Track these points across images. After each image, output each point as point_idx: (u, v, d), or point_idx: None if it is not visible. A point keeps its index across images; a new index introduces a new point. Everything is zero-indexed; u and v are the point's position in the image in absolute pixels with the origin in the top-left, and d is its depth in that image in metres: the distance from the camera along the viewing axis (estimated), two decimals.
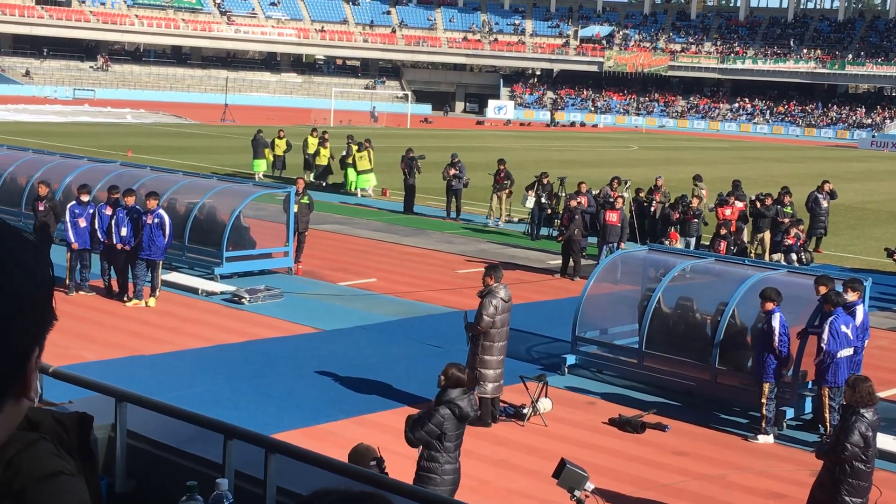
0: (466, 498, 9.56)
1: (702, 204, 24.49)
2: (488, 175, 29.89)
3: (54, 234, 18.90)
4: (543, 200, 26.73)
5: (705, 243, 23.52)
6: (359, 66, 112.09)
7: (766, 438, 12.48)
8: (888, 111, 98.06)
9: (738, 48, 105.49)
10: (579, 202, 22.78)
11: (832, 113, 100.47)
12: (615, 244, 21.98)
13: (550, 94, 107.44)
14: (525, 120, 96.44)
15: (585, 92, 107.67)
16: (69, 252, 17.96)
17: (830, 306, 12.51)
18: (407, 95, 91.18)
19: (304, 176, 32.29)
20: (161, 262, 17.78)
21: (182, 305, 17.72)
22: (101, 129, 57.03)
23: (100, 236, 17.78)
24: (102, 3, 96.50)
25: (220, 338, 15.66)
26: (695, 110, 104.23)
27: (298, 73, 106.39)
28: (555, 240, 23.98)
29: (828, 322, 12.33)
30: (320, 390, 13.42)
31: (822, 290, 12.90)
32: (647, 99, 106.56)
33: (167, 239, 17.56)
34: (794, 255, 21.87)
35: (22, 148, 28.75)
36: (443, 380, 9.21)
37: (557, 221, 25.09)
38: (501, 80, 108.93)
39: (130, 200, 17.81)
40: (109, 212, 17.78)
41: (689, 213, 23.44)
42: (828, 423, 12.23)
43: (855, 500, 8.96)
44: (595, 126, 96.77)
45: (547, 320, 17.57)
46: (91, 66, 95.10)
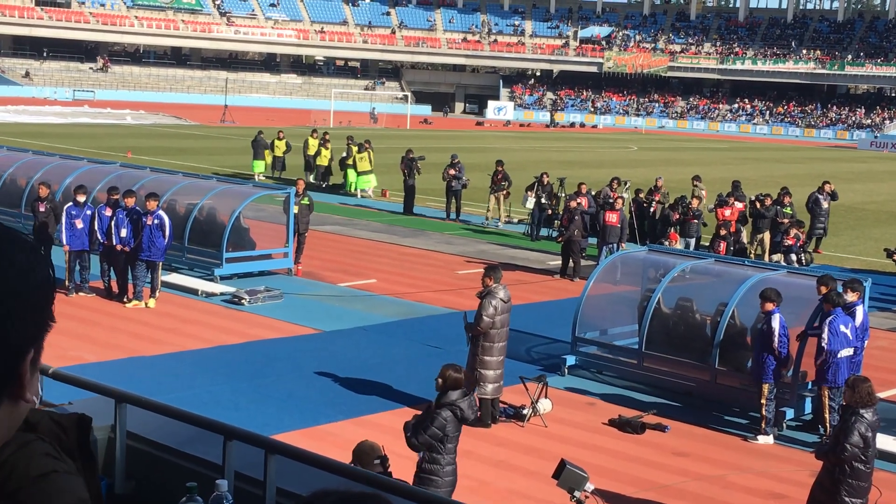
0: (466, 499, 9.56)
1: (701, 204, 24.48)
2: (487, 176, 29.90)
3: (54, 236, 18.89)
4: (543, 201, 26.72)
5: (705, 244, 23.52)
6: (358, 67, 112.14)
7: (765, 439, 12.48)
8: (888, 112, 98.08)
9: (737, 49, 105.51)
10: (579, 203, 22.78)
11: (832, 113, 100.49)
12: (615, 245, 21.98)
13: (550, 94, 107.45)
14: (525, 121, 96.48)
15: (585, 93, 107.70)
16: (66, 253, 17.96)
17: (830, 306, 12.52)
18: (406, 96, 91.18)
19: (305, 177, 32.42)
20: (161, 263, 17.78)
21: (182, 306, 17.72)
22: (100, 130, 57.03)
23: (99, 237, 17.78)
24: (102, 5, 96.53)
25: (220, 339, 15.66)
26: (694, 111, 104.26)
27: (298, 74, 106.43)
28: (554, 240, 23.98)
29: (827, 321, 12.33)
30: (320, 391, 13.42)
31: (824, 290, 12.90)
32: (647, 100, 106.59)
33: (167, 240, 17.56)
34: (793, 256, 21.86)
35: (22, 149, 28.74)
36: (440, 382, 9.20)
37: (557, 222, 25.09)
38: (501, 81, 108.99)
39: (130, 201, 17.81)
40: (109, 213, 17.78)
41: (689, 214, 23.44)
42: (827, 424, 12.23)
43: (854, 500, 8.97)
44: (595, 127, 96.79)
45: (547, 321, 17.57)
46: (91, 68, 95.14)
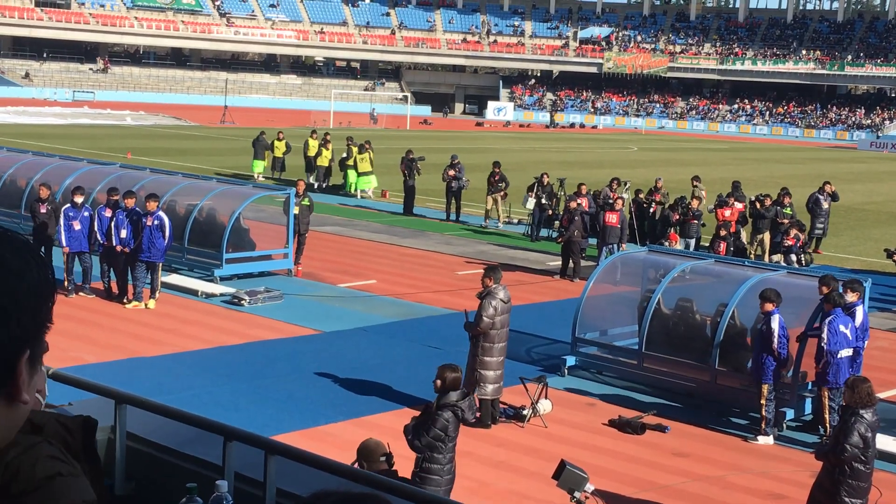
0: (466, 499, 9.57)
1: (701, 205, 24.49)
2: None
3: (54, 237, 18.89)
4: (544, 201, 26.71)
5: (705, 244, 23.52)
6: (358, 67, 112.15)
7: (765, 439, 12.48)
8: (888, 112, 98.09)
9: (737, 49, 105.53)
10: (579, 203, 22.78)
11: (831, 114, 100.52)
12: (615, 245, 21.98)
13: (550, 95, 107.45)
14: (524, 121, 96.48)
15: (585, 93, 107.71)
16: (65, 254, 17.97)
17: (830, 306, 12.52)
18: (406, 97, 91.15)
19: (305, 178, 32.40)
20: (161, 264, 17.78)
21: (182, 307, 17.72)
22: (100, 131, 57.03)
23: (99, 238, 17.78)
24: (102, 5, 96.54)
25: (220, 339, 15.66)
26: (694, 111, 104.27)
27: (298, 74, 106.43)
28: (554, 241, 23.98)
29: (826, 321, 12.33)
30: (320, 392, 13.42)
31: (825, 290, 12.89)
32: (647, 100, 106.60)
33: (167, 241, 17.55)
34: (793, 256, 21.87)
35: (22, 150, 28.75)
36: (439, 384, 9.21)
37: (557, 223, 25.09)
38: (501, 82, 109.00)
39: (130, 202, 17.80)
40: (109, 214, 17.78)
41: (689, 215, 23.44)
42: (827, 424, 12.23)
43: (854, 500, 8.96)
44: (594, 127, 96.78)
45: (547, 321, 17.57)
46: (91, 68, 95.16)
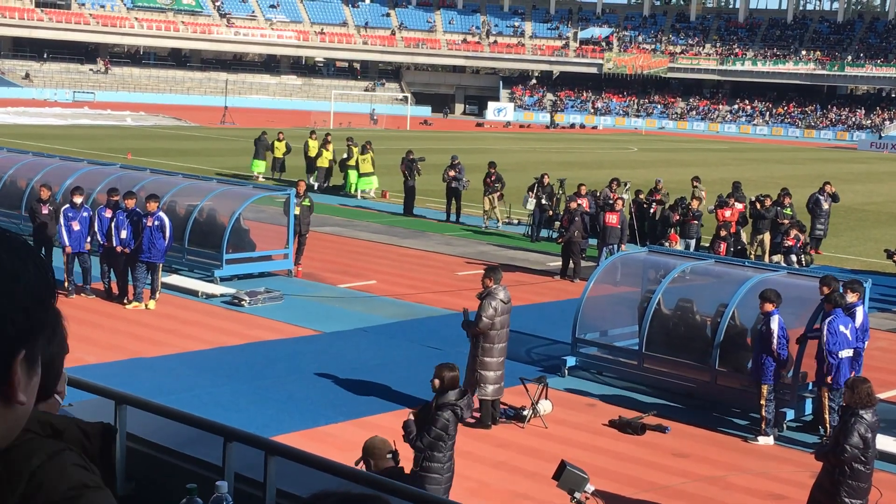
0: (467, 500, 9.57)
1: (701, 205, 24.48)
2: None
3: (54, 238, 18.89)
4: (544, 202, 26.70)
5: (705, 245, 23.52)
6: (358, 68, 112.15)
7: (766, 440, 12.48)
8: (888, 112, 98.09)
9: (737, 50, 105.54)
10: (579, 204, 22.78)
11: (832, 114, 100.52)
12: (615, 246, 21.98)
13: (550, 95, 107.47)
14: (525, 122, 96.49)
15: (585, 94, 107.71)
16: (65, 255, 17.98)
17: (831, 306, 12.51)
18: (406, 97, 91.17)
19: (306, 179, 32.38)
20: (161, 265, 17.78)
21: (182, 308, 17.72)
22: (100, 131, 57.04)
23: (99, 239, 17.78)
24: (102, 6, 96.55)
25: (220, 340, 15.66)
26: (694, 112, 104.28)
27: (298, 75, 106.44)
28: (555, 241, 23.98)
29: (826, 322, 12.33)
30: (320, 392, 13.42)
31: (826, 290, 12.89)
32: (647, 101, 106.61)
33: (167, 241, 17.55)
34: (793, 257, 21.86)
35: (22, 151, 28.75)
36: (437, 383, 9.21)
37: (557, 223, 25.08)
38: (501, 82, 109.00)
39: (130, 203, 17.80)
40: (109, 214, 17.78)
41: (689, 215, 23.44)
42: (827, 425, 12.23)
43: (854, 501, 8.96)
44: (595, 128, 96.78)
45: (547, 322, 17.56)
46: (91, 69, 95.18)
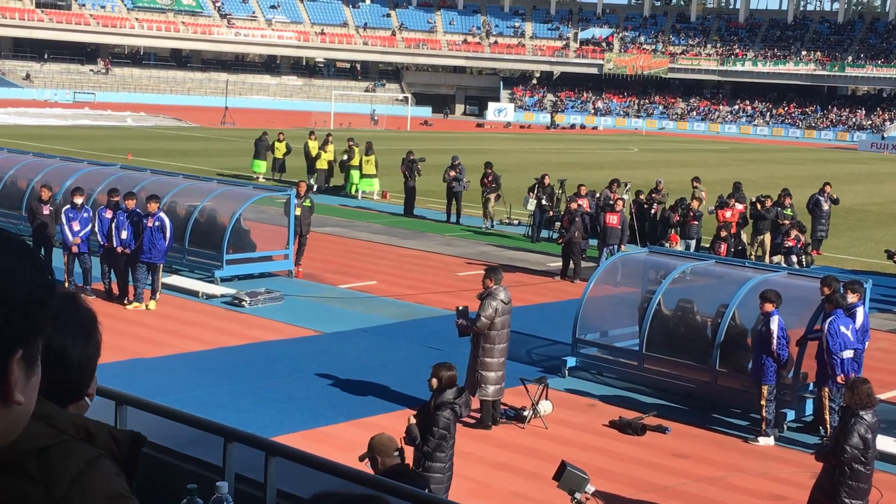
0: (467, 501, 9.58)
1: (701, 206, 24.49)
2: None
3: (54, 238, 18.90)
4: (544, 203, 26.69)
5: (705, 245, 23.52)
6: (359, 68, 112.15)
7: (766, 440, 12.48)
8: (888, 113, 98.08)
9: (737, 50, 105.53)
10: (580, 204, 22.78)
11: (832, 115, 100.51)
12: (615, 246, 21.98)
13: (550, 96, 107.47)
14: (525, 122, 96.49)
15: (585, 94, 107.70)
16: (66, 255, 17.99)
17: (832, 307, 12.52)
18: (407, 98, 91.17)
19: (307, 180, 32.35)
20: (161, 265, 17.79)
21: (182, 308, 17.72)
22: (101, 132, 57.05)
23: (100, 239, 17.79)
24: (102, 7, 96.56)
25: (221, 340, 15.66)
26: (695, 112, 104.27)
27: (298, 75, 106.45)
28: (555, 242, 23.98)
29: (827, 323, 12.33)
30: (320, 393, 13.43)
31: (827, 291, 12.89)
32: (647, 101, 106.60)
33: (168, 242, 17.56)
34: (794, 257, 21.86)
35: (22, 151, 28.77)
36: (435, 383, 9.22)
37: (558, 224, 25.08)
38: (501, 83, 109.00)
39: (131, 203, 17.81)
40: (110, 215, 17.79)
41: (689, 216, 23.44)
42: (828, 425, 12.23)
43: (855, 502, 8.96)
44: (595, 128, 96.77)
45: (547, 322, 17.57)
46: (91, 70, 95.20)
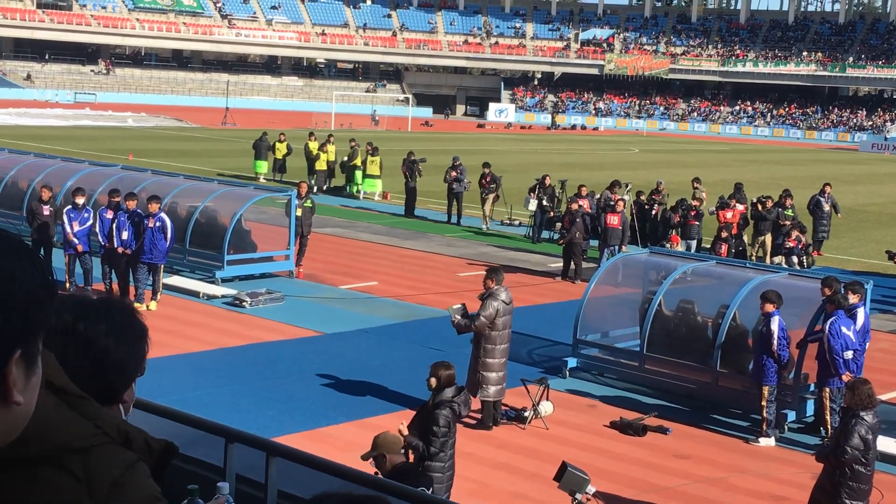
0: (467, 501, 9.58)
1: (702, 206, 24.48)
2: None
3: (54, 238, 18.91)
4: (545, 203, 26.69)
5: (706, 246, 23.51)
6: (360, 69, 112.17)
7: (767, 441, 12.48)
8: (889, 114, 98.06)
9: (738, 51, 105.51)
10: (580, 205, 22.78)
11: (833, 115, 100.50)
12: (616, 247, 21.98)
13: (551, 97, 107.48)
14: (526, 123, 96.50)
15: (586, 95, 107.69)
16: (66, 255, 17.99)
17: (833, 307, 12.51)
18: (408, 99, 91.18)
19: (308, 180, 32.34)
20: (162, 266, 17.80)
21: (183, 309, 17.73)
22: (102, 132, 57.06)
23: (101, 240, 17.79)
24: (103, 7, 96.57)
25: (222, 341, 15.67)
26: (696, 113, 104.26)
27: (299, 76, 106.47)
28: (556, 243, 23.98)
29: (828, 323, 12.33)
30: (321, 393, 13.43)
31: (828, 291, 12.89)
32: (648, 102, 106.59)
33: (169, 242, 17.56)
34: (794, 258, 21.86)
35: (23, 152, 28.77)
36: (434, 382, 9.23)
37: (559, 224, 25.08)
38: (502, 84, 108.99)
39: (132, 204, 17.80)
40: (110, 215, 17.79)
41: (690, 216, 23.44)
42: (828, 426, 12.22)
43: (855, 502, 8.96)
44: (596, 129, 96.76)
45: (548, 323, 17.56)
46: (92, 70, 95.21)
